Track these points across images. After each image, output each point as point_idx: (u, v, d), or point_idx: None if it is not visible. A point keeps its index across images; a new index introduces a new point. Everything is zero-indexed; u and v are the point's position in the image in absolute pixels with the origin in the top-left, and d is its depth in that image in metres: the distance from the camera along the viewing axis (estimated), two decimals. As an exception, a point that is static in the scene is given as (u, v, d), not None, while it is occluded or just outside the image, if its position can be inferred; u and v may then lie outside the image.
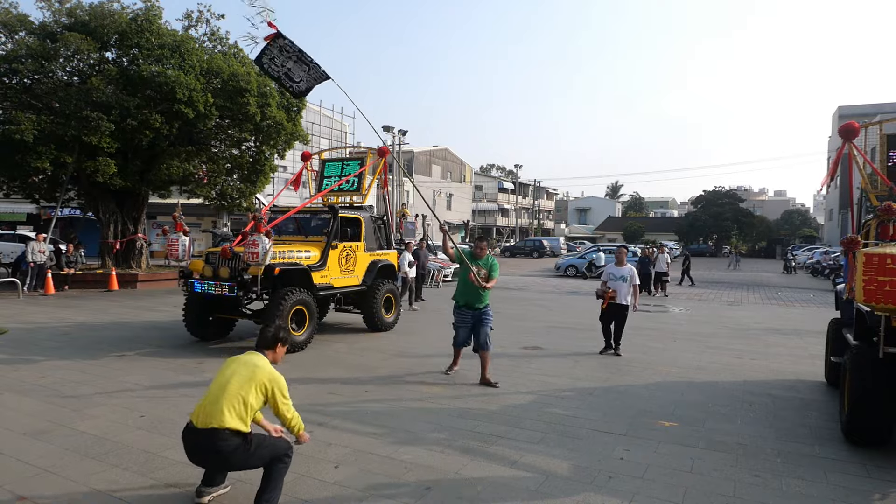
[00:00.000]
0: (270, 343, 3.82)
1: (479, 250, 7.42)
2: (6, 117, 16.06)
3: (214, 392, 3.55)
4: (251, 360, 3.68)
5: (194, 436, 3.53)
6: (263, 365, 3.66)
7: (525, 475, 4.42)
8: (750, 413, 6.19)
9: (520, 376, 7.43)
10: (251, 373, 3.58)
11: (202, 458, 3.59)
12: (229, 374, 3.60)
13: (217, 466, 3.69)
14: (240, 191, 20.63)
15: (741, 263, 38.92)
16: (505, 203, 77.04)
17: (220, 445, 3.44)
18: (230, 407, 3.46)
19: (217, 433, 3.43)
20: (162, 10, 17.72)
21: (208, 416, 3.47)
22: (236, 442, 3.46)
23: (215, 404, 3.48)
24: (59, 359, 8.05)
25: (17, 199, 21.60)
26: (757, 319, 14.04)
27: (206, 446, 3.49)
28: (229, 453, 3.45)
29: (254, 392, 3.54)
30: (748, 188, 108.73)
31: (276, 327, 3.89)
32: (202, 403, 3.57)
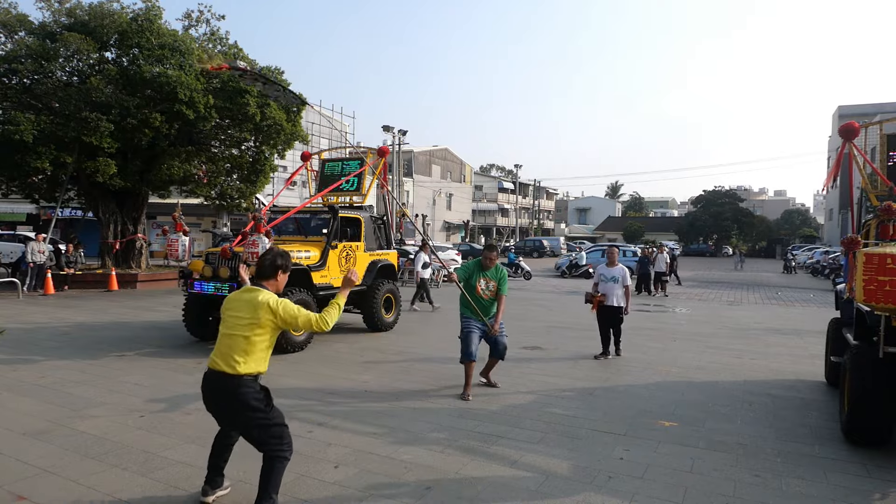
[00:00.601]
0: (269, 272, 3.63)
1: (488, 261, 6.64)
2: (6, 117, 16.06)
3: (224, 341, 3.50)
4: (251, 299, 3.50)
5: (213, 380, 3.49)
6: (263, 301, 3.47)
7: (525, 475, 4.41)
8: (750, 413, 6.18)
9: (520, 376, 7.42)
10: (253, 314, 3.45)
11: (220, 405, 3.53)
12: (232, 320, 3.51)
13: (233, 417, 3.56)
14: (239, 191, 20.65)
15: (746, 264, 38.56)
16: (505, 203, 77.07)
17: (240, 391, 3.41)
18: (242, 353, 3.42)
19: (236, 379, 3.41)
20: (162, 10, 17.74)
21: (224, 365, 3.44)
22: (255, 388, 3.46)
23: (229, 353, 3.45)
24: (59, 359, 8.05)
25: (17, 199, 21.61)
26: (757, 319, 14.04)
27: (224, 392, 3.46)
28: (247, 401, 3.42)
29: (262, 333, 3.47)
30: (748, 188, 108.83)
31: (274, 254, 3.68)
32: (216, 351, 3.53)
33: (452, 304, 14.82)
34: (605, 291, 8.54)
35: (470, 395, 6.48)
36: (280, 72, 19.23)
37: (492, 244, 7.00)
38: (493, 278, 6.64)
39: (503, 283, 6.71)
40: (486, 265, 6.64)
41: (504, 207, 77.11)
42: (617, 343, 8.86)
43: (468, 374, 6.58)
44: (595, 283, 8.76)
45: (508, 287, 6.99)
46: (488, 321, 6.60)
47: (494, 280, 6.63)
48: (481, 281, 6.60)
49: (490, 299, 6.64)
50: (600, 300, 8.48)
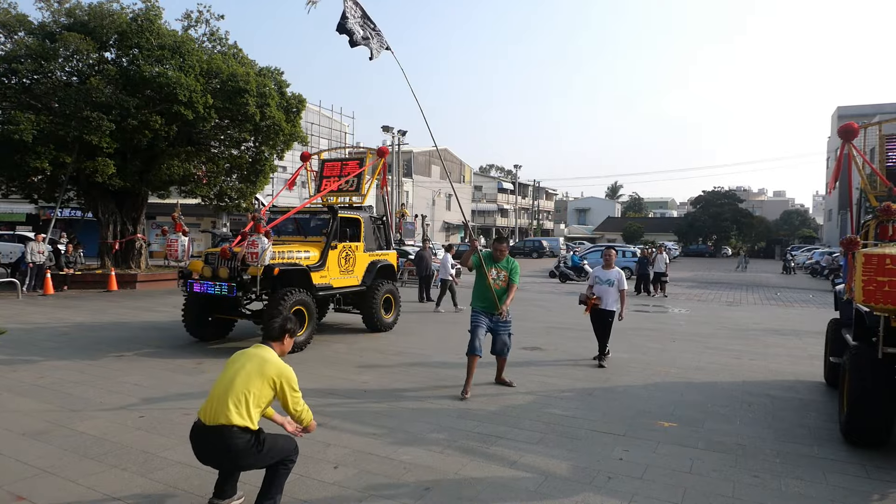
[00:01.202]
0: (277, 335, 3.70)
1: (499, 252, 6.81)
2: (5, 117, 16.05)
3: (221, 388, 3.46)
4: (258, 353, 3.58)
5: (203, 433, 3.44)
6: (271, 358, 3.55)
7: (524, 475, 4.42)
8: (749, 413, 6.19)
9: (519, 376, 7.42)
10: (259, 367, 3.48)
11: (211, 456, 3.49)
12: (236, 369, 3.51)
13: (227, 465, 3.57)
14: (239, 191, 20.65)
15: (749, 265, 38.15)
16: (504, 203, 77.10)
17: (230, 443, 3.35)
18: (237, 403, 3.37)
19: (226, 430, 3.34)
20: (162, 11, 17.73)
21: (216, 413, 3.38)
22: (246, 439, 3.38)
23: (223, 401, 3.39)
24: (58, 359, 8.05)
25: (17, 199, 21.58)
26: (756, 320, 14.05)
27: (215, 444, 3.40)
28: (239, 451, 3.37)
29: (262, 387, 3.45)
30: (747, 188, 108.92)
31: (284, 318, 3.76)
32: (210, 400, 3.48)
33: (450, 304, 14.84)
34: (600, 294, 8.24)
35: (469, 393, 6.51)
36: (280, 72, 19.24)
37: (502, 237, 7.10)
38: (505, 269, 6.81)
39: (514, 273, 6.87)
40: (497, 257, 6.83)
41: (503, 208, 77.14)
42: (603, 345, 8.43)
43: (470, 370, 6.63)
44: (590, 286, 8.44)
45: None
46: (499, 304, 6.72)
47: (506, 271, 6.81)
48: (493, 271, 6.76)
49: (501, 288, 6.79)
50: (594, 303, 8.23)
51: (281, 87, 18.95)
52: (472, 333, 6.66)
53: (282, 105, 18.42)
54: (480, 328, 6.67)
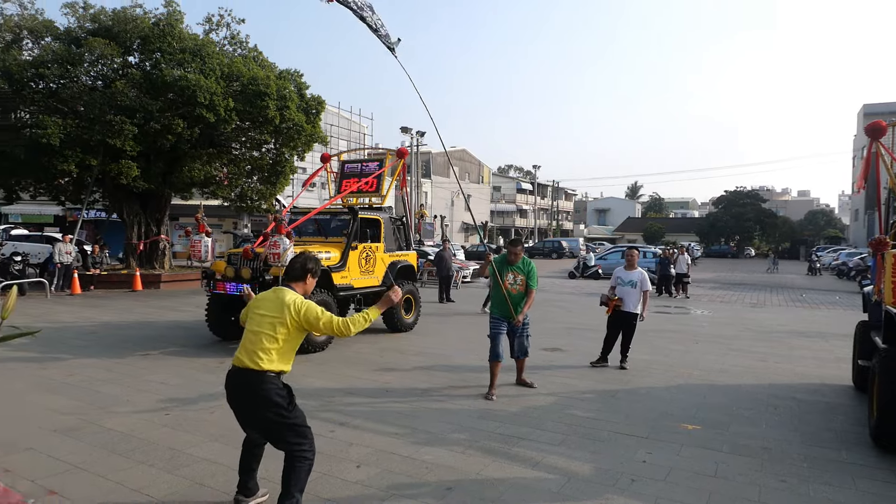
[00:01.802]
0: (299, 275, 3.69)
1: (514, 256, 6.70)
2: (33, 121, 16.43)
3: (250, 338, 3.52)
4: (279, 298, 3.56)
5: (237, 378, 3.51)
6: (289, 299, 3.53)
7: (547, 477, 4.40)
8: (774, 417, 6.10)
9: (540, 378, 7.39)
10: (280, 313, 3.49)
11: (243, 402, 3.53)
12: (259, 318, 3.54)
13: (256, 415, 3.54)
14: (260, 192, 20.87)
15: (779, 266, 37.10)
16: (523, 204, 76.88)
17: (263, 388, 3.42)
18: (266, 350, 3.44)
19: (259, 375, 3.42)
20: (183, 15, 18.00)
21: (248, 360, 3.46)
22: (278, 385, 3.46)
23: (253, 348, 3.46)
24: (87, 357, 8.20)
25: (44, 201, 22.09)
26: (781, 322, 13.83)
27: (248, 388, 3.46)
28: (270, 398, 3.42)
29: (287, 332, 3.49)
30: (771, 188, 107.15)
31: (304, 258, 3.75)
32: (241, 349, 3.54)
33: (472, 305, 14.84)
34: (622, 296, 8.10)
35: (495, 395, 6.53)
36: (299, 74, 19.40)
37: (516, 239, 7.01)
38: (521, 272, 6.68)
39: (532, 277, 6.72)
40: (511, 260, 6.72)
41: (522, 208, 76.91)
42: (624, 352, 8.24)
43: (493, 374, 6.63)
44: (612, 287, 8.28)
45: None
46: (514, 312, 6.64)
47: (522, 274, 6.67)
48: (509, 275, 6.66)
49: (519, 293, 6.68)
50: (616, 304, 8.10)
51: (301, 89, 19.11)
52: (492, 340, 6.65)
53: (301, 107, 18.56)
54: (500, 334, 6.65)
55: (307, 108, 18.97)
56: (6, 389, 6.38)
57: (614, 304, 8.11)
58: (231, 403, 3.62)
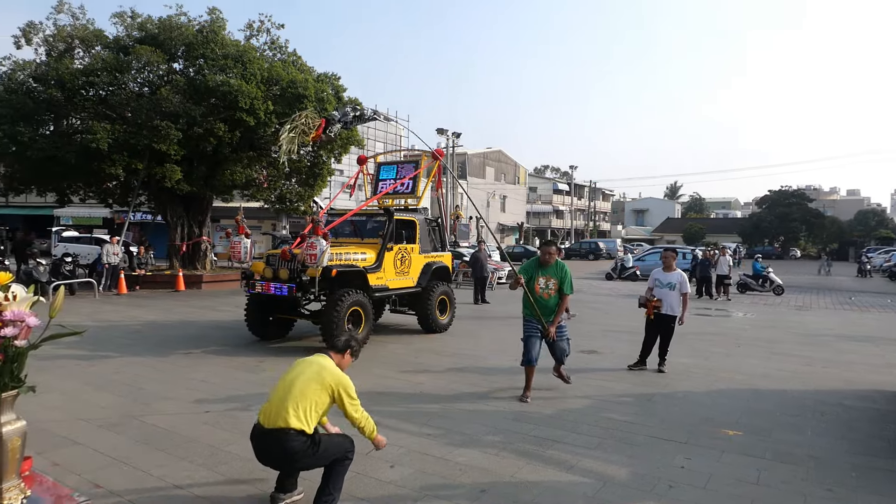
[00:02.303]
0: (341, 349, 3.88)
1: (547, 256, 6.44)
2: (84, 127, 17.10)
3: (281, 392, 3.59)
4: (318, 361, 3.73)
5: (262, 436, 3.58)
6: (329, 366, 3.69)
7: (582, 480, 4.35)
8: (821, 424, 5.89)
9: (576, 380, 7.29)
10: (317, 373, 3.61)
11: (270, 458, 3.63)
12: (295, 374, 3.65)
13: (285, 466, 3.71)
14: (298, 194, 21.24)
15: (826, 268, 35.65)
16: (560, 205, 76.22)
17: (288, 446, 3.47)
18: (295, 407, 3.49)
19: (284, 433, 3.46)
20: (226, 22, 18.47)
21: (275, 417, 3.51)
22: (303, 441, 3.48)
23: (281, 405, 3.52)
24: (132, 355, 8.47)
25: (93, 203, 22.94)
26: (828, 325, 13.36)
27: (273, 446, 3.53)
28: (296, 453, 3.49)
29: (320, 393, 3.56)
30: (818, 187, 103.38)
31: (350, 336, 3.97)
32: (269, 403, 3.62)
33: (507, 307, 14.77)
34: (660, 298, 7.98)
35: (529, 397, 6.47)
36: (337, 77, 19.66)
37: (550, 240, 6.85)
38: (555, 276, 6.42)
39: (565, 282, 6.43)
40: (544, 261, 6.47)
41: (559, 209, 76.25)
42: (662, 355, 8.09)
43: (528, 377, 6.55)
44: (650, 289, 8.16)
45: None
46: (546, 322, 6.44)
47: (556, 278, 6.41)
48: (540, 279, 6.43)
49: (551, 298, 6.42)
50: (656, 305, 7.95)
51: (338, 91, 19.37)
52: (526, 343, 6.46)
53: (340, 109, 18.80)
54: (534, 337, 6.44)
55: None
56: (56, 386, 6.64)
57: (654, 305, 7.97)
58: (260, 459, 3.69)
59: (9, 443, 1.66)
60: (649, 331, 8.16)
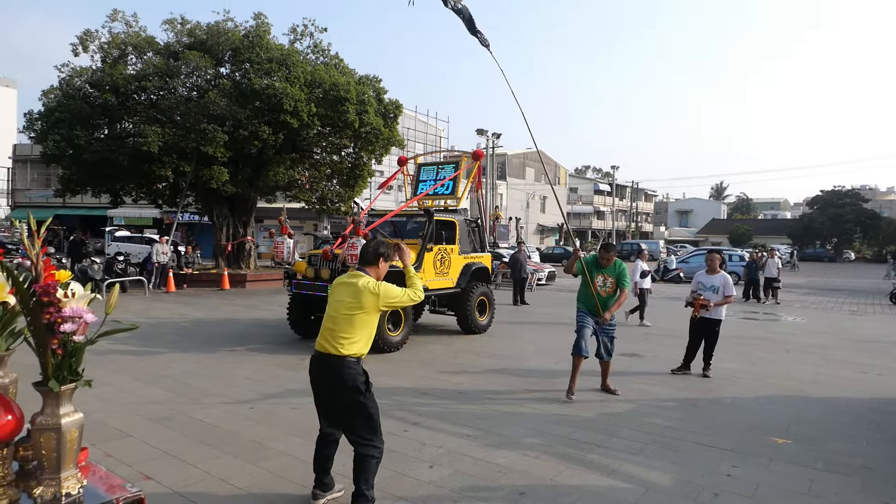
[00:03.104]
0: (371, 259, 3.82)
1: (605, 260, 6.74)
2: (136, 130, 17.75)
3: (329, 323, 3.68)
4: (353, 283, 3.70)
5: (320, 361, 3.69)
6: (364, 286, 3.65)
7: (624, 486, 4.27)
8: (877, 434, 5.64)
9: (618, 384, 7.16)
10: (356, 299, 3.62)
11: (325, 385, 3.70)
12: (337, 303, 3.69)
13: (337, 398, 3.69)
14: (339, 195, 21.56)
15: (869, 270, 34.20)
16: (601, 205, 75.12)
17: (345, 373, 3.58)
18: (345, 335, 3.59)
19: (340, 360, 3.59)
20: (270, 27, 18.90)
21: (329, 346, 3.62)
22: (358, 370, 3.62)
23: (333, 335, 3.62)
24: (180, 352, 8.74)
25: (144, 204, 23.78)
26: (885, 331, 12.79)
27: (330, 372, 3.63)
28: (351, 382, 3.57)
29: (364, 317, 3.63)
30: (874, 187, 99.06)
31: (377, 243, 3.89)
32: (321, 335, 3.71)
33: (546, 308, 14.64)
34: (706, 297, 7.79)
35: (573, 396, 6.48)
36: (378, 80, 19.87)
37: (609, 244, 7.06)
38: (612, 275, 6.72)
39: (623, 277, 6.75)
40: (603, 264, 6.76)
41: (600, 210, 75.16)
42: (707, 359, 7.90)
43: (575, 368, 6.63)
44: (693, 291, 7.98)
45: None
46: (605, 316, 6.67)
47: (613, 276, 6.71)
48: (599, 277, 6.72)
49: (609, 295, 6.71)
50: (703, 303, 7.73)
51: (379, 94, 19.58)
52: (577, 333, 6.66)
53: (380, 111, 19.01)
54: (586, 328, 6.64)
55: (385, 112, 19.41)
56: (110, 380, 6.90)
57: (700, 303, 7.77)
58: (313, 386, 3.79)
59: (67, 434, 1.73)
60: (693, 334, 7.99)
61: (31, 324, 1.75)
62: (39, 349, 1.75)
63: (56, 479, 1.72)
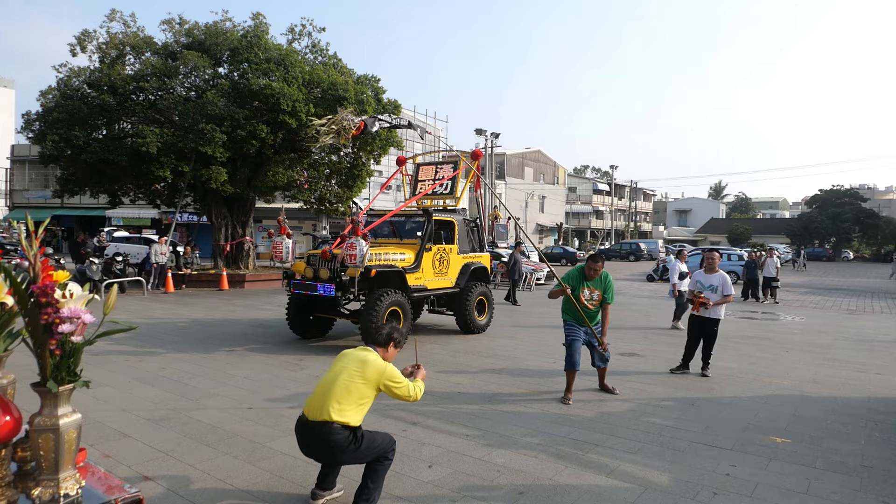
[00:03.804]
0: (384, 342, 3.89)
1: (592, 272, 6.54)
2: (134, 131, 17.72)
3: (325, 386, 3.64)
4: (362, 355, 3.73)
5: (306, 428, 3.63)
6: (373, 360, 3.69)
7: (622, 485, 4.28)
8: (876, 433, 5.65)
9: (616, 383, 7.18)
10: (361, 368, 3.63)
11: (313, 449, 3.68)
12: (340, 368, 3.68)
13: (327, 459, 3.74)
14: (338, 195, 21.55)
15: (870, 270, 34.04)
16: (599, 205, 75.17)
17: (331, 439, 3.51)
18: (339, 401, 3.53)
19: (328, 426, 3.51)
20: (268, 27, 18.88)
21: (320, 410, 3.56)
22: (346, 435, 3.53)
23: (326, 398, 3.56)
24: (178, 352, 8.73)
25: (142, 205, 23.75)
26: (884, 330, 12.80)
27: (317, 439, 3.58)
28: (339, 446, 3.52)
29: (363, 388, 3.59)
30: (872, 186, 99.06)
31: (392, 328, 3.96)
32: (314, 397, 3.67)
33: (544, 308, 14.65)
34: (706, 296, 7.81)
35: (571, 399, 6.45)
36: (377, 80, 19.86)
37: (596, 254, 6.83)
38: (598, 288, 6.60)
39: (609, 291, 6.66)
40: (589, 275, 6.61)
41: (598, 209, 75.21)
42: (706, 359, 7.91)
43: (570, 381, 6.57)
44: (691, 291, 8.00)
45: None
46: (594, 328, 6.65)
47: (599, 289, 6.60)
48: (585, 290, 6.59)
49: (595, 308, 6.65)
50: (703, 301, 7.73)
51: (377, 93, 19.57)
52: (568, 348, 6.53)
53: (378, 111, 18.99)
54: (577, 341, 6.54)
55: (383, 112, 19.39)
56: (108, 381, 6.89)
57: (700, 301, 7.76)
58: (303, 451, 3.74)
59: (65, 434, 1.73)
60: (692, 334, 8.00)
61: (29, 324, 1.74)
62: (37, 350, 1.74)
63: (54, 480, 1.72)
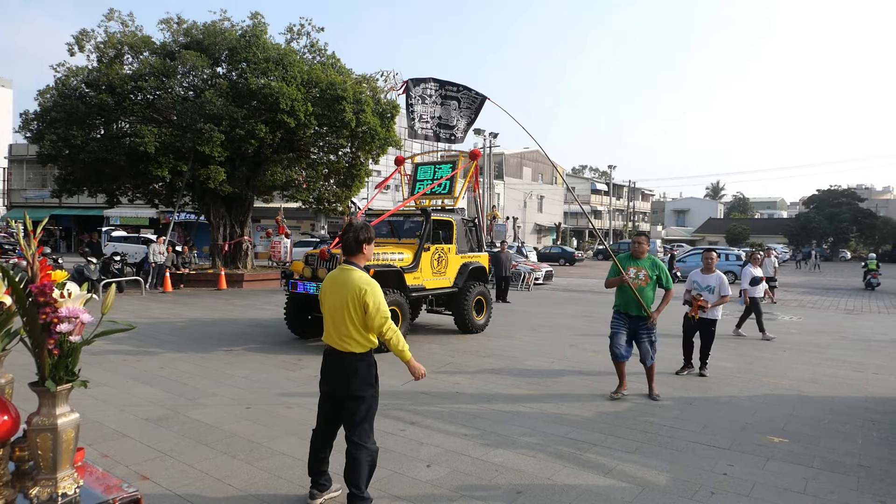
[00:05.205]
0: (354, 248, 3.76)
1: (638, 244, 6.55)
2: (132, 130, 17.71)
3: (331, 323, 3.72)
4: (343, 278, 3.70)
5: (333, 357, 3.74)
6: (352, 280, 3.64)
7: (620, 485, 4.28)
8: (873, 432, 5.66)
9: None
10: (349, 294, 3.62)
11: (335, 377, 3.73)
12: (331, 302, 3.71)
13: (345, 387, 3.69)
14: (336, 195, 21.55)
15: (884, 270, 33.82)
16: (598, 205, 75.21)
17: (355, 365, 3.66)
18: (351, 334, 3.63)
19: (350, 357, 3.67)
20: (267, 26, 18.87)
21: (342, 344, 3.67)
22: (368, 363, 3.71)
23: (340, 334, 3.66)
24: (177, 352, 8.72)
25: (141, 204, 23.73)
26: (882, 330, 12.83)
27: (342, 367, 3.69)
28: (359, 373, 3.65)
29: (357, 313, 3.62)
30: (870, 186, 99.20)
31: (355, 230, 3.75)
32: (328, 332, 3.75)
33: (542, 308, 14.65)
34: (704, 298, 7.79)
35: (620, 393, 6.61)
36: (375, 79, 19.86)
37: (642, 230, 6.76)
38: (646, 268, 6.49)
39: (664, 276, 6.55)
40: (636, 254, 6.58)
41: (597, 209, 75.25)
42: (703, 358, 7.91)
43: (619, 373, 6.68)
44: (688, 291, 7.98)
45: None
46: (645, 305, 6.48)
47: (646, 269, 6.48)
48: (630, 269, 6.49)
49: (640, 288, 6.44)
50: (702, 304, 7.73)
51: (376, 93, 19.56)
52: (612, 339, 6.58)
53: (377, 111, 18.99)
54: (620, 334, 6.55)
55: (382, 112, 19.39)
56: (106, 381, 6.88)
57: (699, 304, 7.76)
58: (324, 378, 3.82)
59: (63, 434, 1.73)
60: (687, 332, 8.01)
61: (27, 324, 1.74)
62: (36, 349, 1.75)
63: (52, 480, 1.72)
